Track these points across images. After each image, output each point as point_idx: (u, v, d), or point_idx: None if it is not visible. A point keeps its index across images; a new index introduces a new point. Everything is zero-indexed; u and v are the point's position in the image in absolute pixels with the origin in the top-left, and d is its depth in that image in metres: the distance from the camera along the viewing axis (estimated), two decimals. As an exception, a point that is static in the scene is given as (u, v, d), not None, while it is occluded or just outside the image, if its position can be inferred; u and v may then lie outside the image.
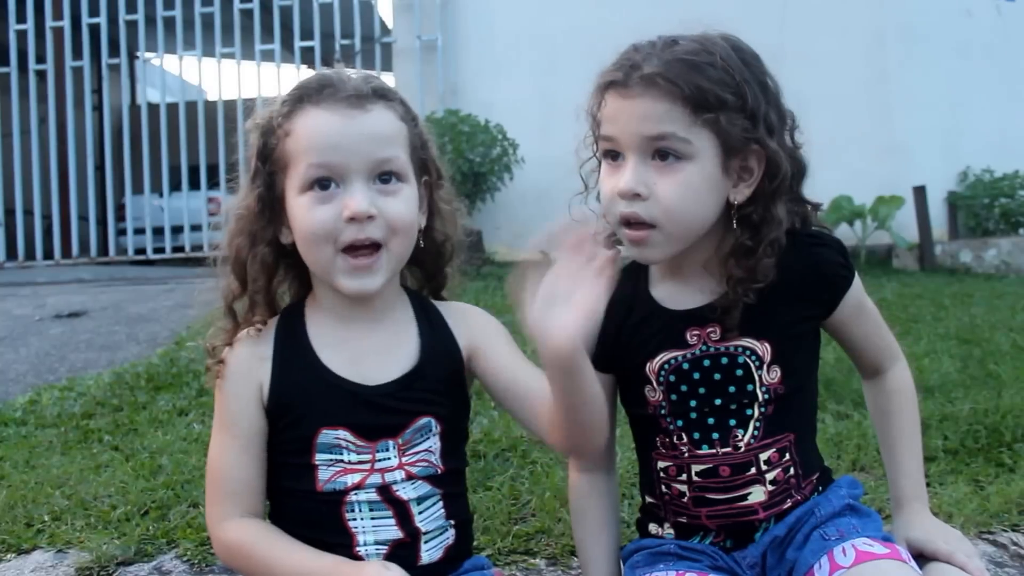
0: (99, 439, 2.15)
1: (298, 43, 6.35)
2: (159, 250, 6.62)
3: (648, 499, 1.11)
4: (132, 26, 6.54)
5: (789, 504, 1.04)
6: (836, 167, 5.44)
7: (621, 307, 1.06)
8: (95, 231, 6.69)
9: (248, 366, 1.02)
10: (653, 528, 1.10)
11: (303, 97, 0.99)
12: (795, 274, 1.02)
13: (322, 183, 0.96)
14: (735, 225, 1.00)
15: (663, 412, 1.05)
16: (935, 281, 4.90)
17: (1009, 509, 1.62)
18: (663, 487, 1.07)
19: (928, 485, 1.75)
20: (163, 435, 2.12)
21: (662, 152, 0.96)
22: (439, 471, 1.01)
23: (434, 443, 1.01)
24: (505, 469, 1.80)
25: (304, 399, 0.99)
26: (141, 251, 6.70)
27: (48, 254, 6.59)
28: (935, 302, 3.95)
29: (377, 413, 0.98)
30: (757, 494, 1.02)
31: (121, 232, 7.76)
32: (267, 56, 6.52)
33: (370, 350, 1.01)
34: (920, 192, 5.66)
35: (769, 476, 1.03)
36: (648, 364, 1.04)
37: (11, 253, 6.65)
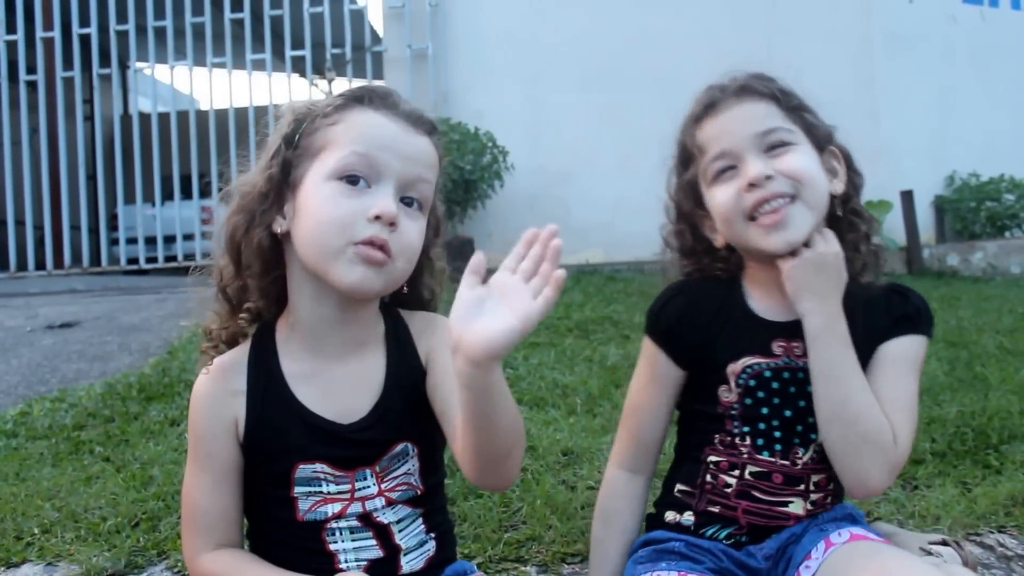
0: (90, 450, 2.14)
1: (289, 52, 6.36)
2: (152, 259, 6.60)
3: (680, 487, 1.12)
4: (123, 36, 6.53)
5: None
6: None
7: (712, 308, 1.11)
8: (87, 241, 6.66)
9: (221, 401, 0.98)
10: (670, 516, 1.11)
11: (363, 98, 0.98)
12: (880, 313, 1.08)
13: (352, 178, 0.93)
14: (840, 214, 1.09)
15: (733, 414, 1.08)
16: (923, 284, 4.93)
17: (996, 510, 1.64)
18: (708, 476, 1.09)
19: (916, 488, 1.78)
20: (154, 446, 2.12)
21: (772, 145, 1.05)
22: (419, 492, 1.00)
23: (412, 465, 1.00)
24: (496, 476, 1.80)
25: (280, 436, 0.97)
26: (133, 261, 6.68)
27: (40, 264, 6.56)
28: (923, 305, 3.97)
29: (353, 447, 0.97)
30: (797, 507, 1.07)
31: (113, 242, 7.75)
32: (258, 65, 6.52)
33: (343, 382, 0.98)
34: (907, 196, 5.70)
35: (812, 496, 1.07)
36: (730, 365, 1.08)
37: (3, 263, 6.64)
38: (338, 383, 0.98)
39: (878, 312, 1.08)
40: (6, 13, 6.49)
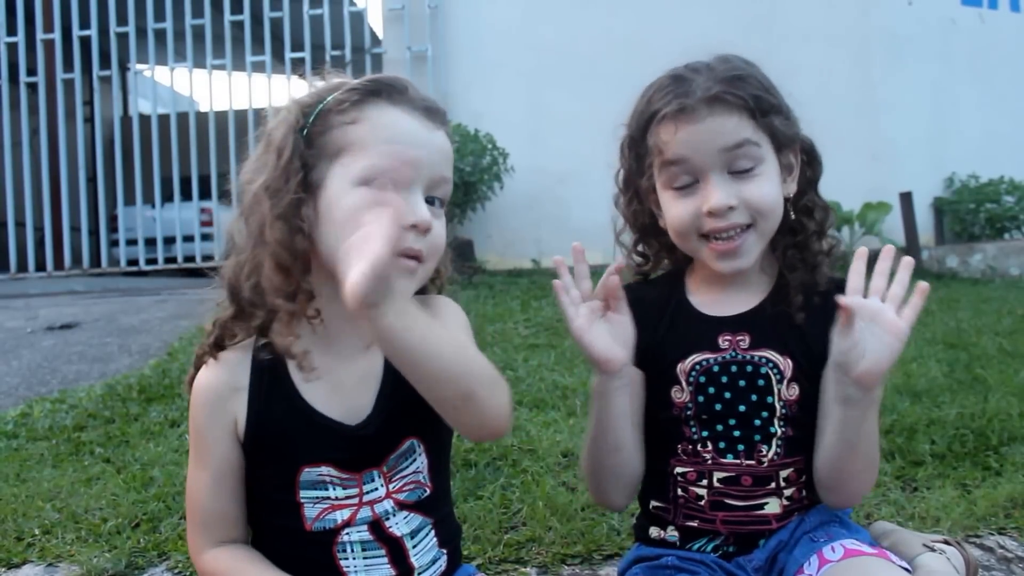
0: (90, 451, 2.14)
1: (288, 54, 6.38)
2: (151, 261, 6.60)
3: (654, 503, 1.12)
4: (123, 38, 6.54)
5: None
6: (824, 173, 5.48)
7: (656, 308, 1.11)
8: (87, 242, 6.66)
9: (222, 397, 0.96)
10: (654, 532, 1.11)
11: (379, 91, 0.93)
12: (831, 311, 1.05)
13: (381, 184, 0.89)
14: (793, 215, 1.08)
15: (688, 414, 1.07)
16: (923, 286, 4.93)
17: (996, 512, 1.64)
18: (679, 490, 1.08)
19: (915, 490, 1.78)
20: (155, 447, 2.12)
21: (738, 162, 1.02)
22: (428, 490, 0.98)
23: (421, 463, 0.98)
24: (496, 478, 1.81)
25: (284, 436, 0.94)
26: (133, 262, 6.68)
27: (40, 266, 6.56)
28: (922, 307, 3.97)
29: (359, 446, 0.94)
30: (773, 506, 1.06)
31: (113, 243, 7.76)
32: (258, 67, 6.53)
33: (350, 380, 0.96)
34: (907, 198, 5.70)
35: (786, 492, 1.07)
36: (680, 364, 1.08)
37: (3, 265, 6.63)
38: (345, 382, 0.95)
39: (828, 309, 1.05)
40: (6, 15, 6.50)
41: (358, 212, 0.86)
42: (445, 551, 1.00)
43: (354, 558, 0.94)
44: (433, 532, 0.98)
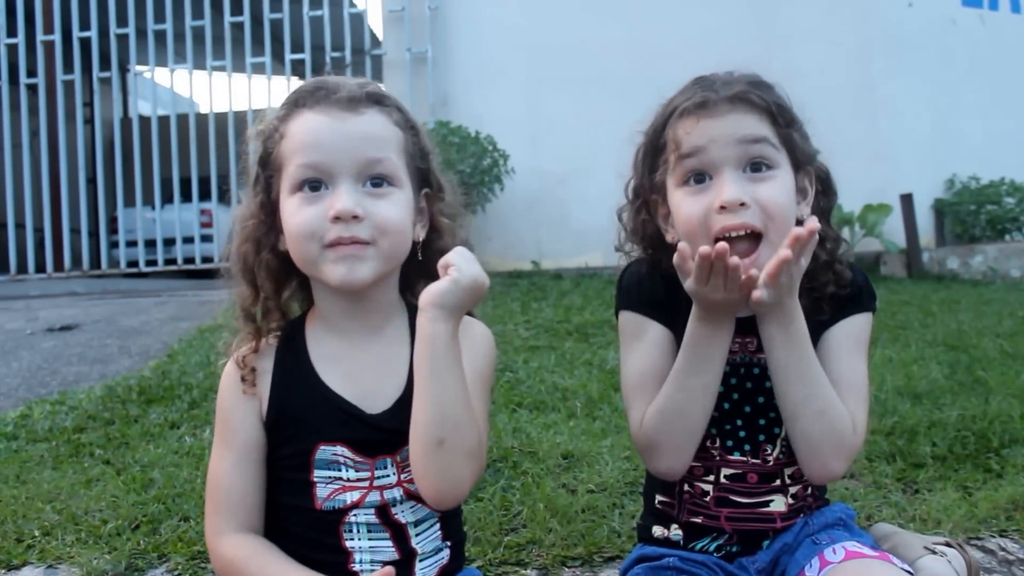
0: (90, 453, 2.14)
1: (288, 56, 6.38)
2: (151, 262, 6.61)
3: (660, 499, 1.12)
4: (123, 39, 6.55)
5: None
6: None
7: (673, 304, 1.08)
8: (87, 244, 6.67)
9: (248, 380, 1.02)
10: (658, 531, 1.11)
11: (298, 101, 1.00)
12: (824, 297, 1.06)
13: (313, 184, 0.96)
14: None
15: None
16: (923, 288, 4.94)
17: (997, 515, 1.64)
18: (685, 485, 1.09)
19: (916, 492, 1.78)
20: (154, 449, 2.12)
21: (755, 164, 1.01)
22: None
23: None
24: (496, 480, 1.80)
25: (302, 415, 0.99)
26: (133, 263, 6.69)
27: (40, 267, 6.57)
28: (923, 308, 3.98)
29: (374, 431, 0.98)
30: (778, 504, 1.07)
31: (113, 245, 7.77)
32: (258, 68, 6.54)
33: (367, 366, 1.01)
34: (907, 199, 5.70)
35: (791, 490, 1.08)
36: None
37: (3, 266, 6.64)
38: (362, 367, 1.01)
39: (823, 296, 1.06)
40: (7, 16, 6.51)
41: (290, 219, 0.97)
42: (448, 544, 1.03)
43: (359, 539, 0.98)
44: (438, 525, 1.02)
